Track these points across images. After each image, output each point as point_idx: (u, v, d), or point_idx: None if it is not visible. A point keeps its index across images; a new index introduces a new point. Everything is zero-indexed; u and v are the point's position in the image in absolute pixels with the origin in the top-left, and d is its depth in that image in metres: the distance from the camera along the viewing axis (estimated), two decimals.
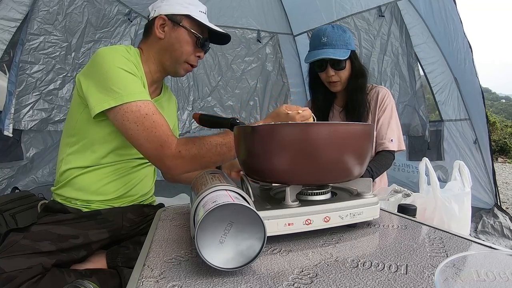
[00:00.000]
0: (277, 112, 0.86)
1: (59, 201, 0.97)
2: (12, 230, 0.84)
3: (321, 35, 1.27)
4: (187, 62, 1.03)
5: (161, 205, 1.13)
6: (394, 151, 1.34)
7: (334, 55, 1.24)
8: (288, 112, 0.83)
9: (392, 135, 1.34)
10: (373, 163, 1.29)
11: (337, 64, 1.27)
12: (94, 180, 0.95)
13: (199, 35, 1.00)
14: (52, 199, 1.01)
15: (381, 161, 1.31)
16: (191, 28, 0.99)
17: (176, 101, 1.25)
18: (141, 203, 1.08)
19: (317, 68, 1.32)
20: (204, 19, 1.01)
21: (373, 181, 1.26)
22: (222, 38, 1.08)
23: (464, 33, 2.14)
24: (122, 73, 0.85)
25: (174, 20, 0.99)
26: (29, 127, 1.80)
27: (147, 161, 1.01)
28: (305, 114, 0.83)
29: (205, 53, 1.06)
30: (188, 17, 0.99)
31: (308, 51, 1.34)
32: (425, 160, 1.16)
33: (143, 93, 0.86)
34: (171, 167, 0.84)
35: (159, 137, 0.82)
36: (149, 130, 0.82)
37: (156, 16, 0.99)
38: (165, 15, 0.99)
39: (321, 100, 1.43)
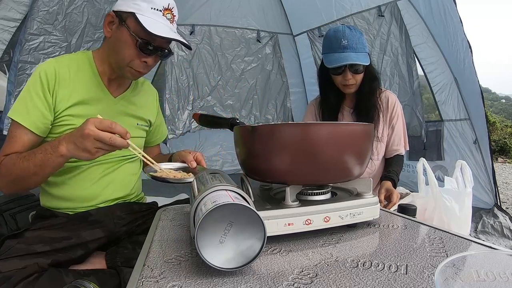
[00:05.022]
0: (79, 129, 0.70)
1: (48, 207, 0.97)
2: (8, 237, 0.84)
3: (340, 37, 1.24)
4: (130, 67, 0.90)
5: (154, 203, 1.13)
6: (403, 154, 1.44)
7: (358, 60, 1.23)
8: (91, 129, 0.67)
9: (405, 141, 1.42)
10: (397, 169, 1.36)
11: (356, 68, 1.26)
12: (71, 187, 0.94)
13: (138, 37, 0.85)
14: (42, 205, 1.01)
15: (400, 166, 1.40)
16: (133, 28, 0.86)
17: (157, 94, 1.18)
18: (127, 201, 1.07)
19: (333, 70, 1.30)
20: (154, 20, 0.86)
21: (396, 186, 1.31)
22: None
23: (464, 33, 2.13)
24: (26, 93, 0.88)
25: (121, 17, 0.87)
26: None
27: (122, 160, 1.00)
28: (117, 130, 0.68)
29: (159, 59, 0.93)
30: (133, 15, 0.85)
31: (325, 53, 1.31)
32: (422, 160, 1.16)
33: (25, 116, 0.87)
34: None
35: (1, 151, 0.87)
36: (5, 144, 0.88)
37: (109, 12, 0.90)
38: (115, 11, 0.88)
39: (332, 100, 1.43)
